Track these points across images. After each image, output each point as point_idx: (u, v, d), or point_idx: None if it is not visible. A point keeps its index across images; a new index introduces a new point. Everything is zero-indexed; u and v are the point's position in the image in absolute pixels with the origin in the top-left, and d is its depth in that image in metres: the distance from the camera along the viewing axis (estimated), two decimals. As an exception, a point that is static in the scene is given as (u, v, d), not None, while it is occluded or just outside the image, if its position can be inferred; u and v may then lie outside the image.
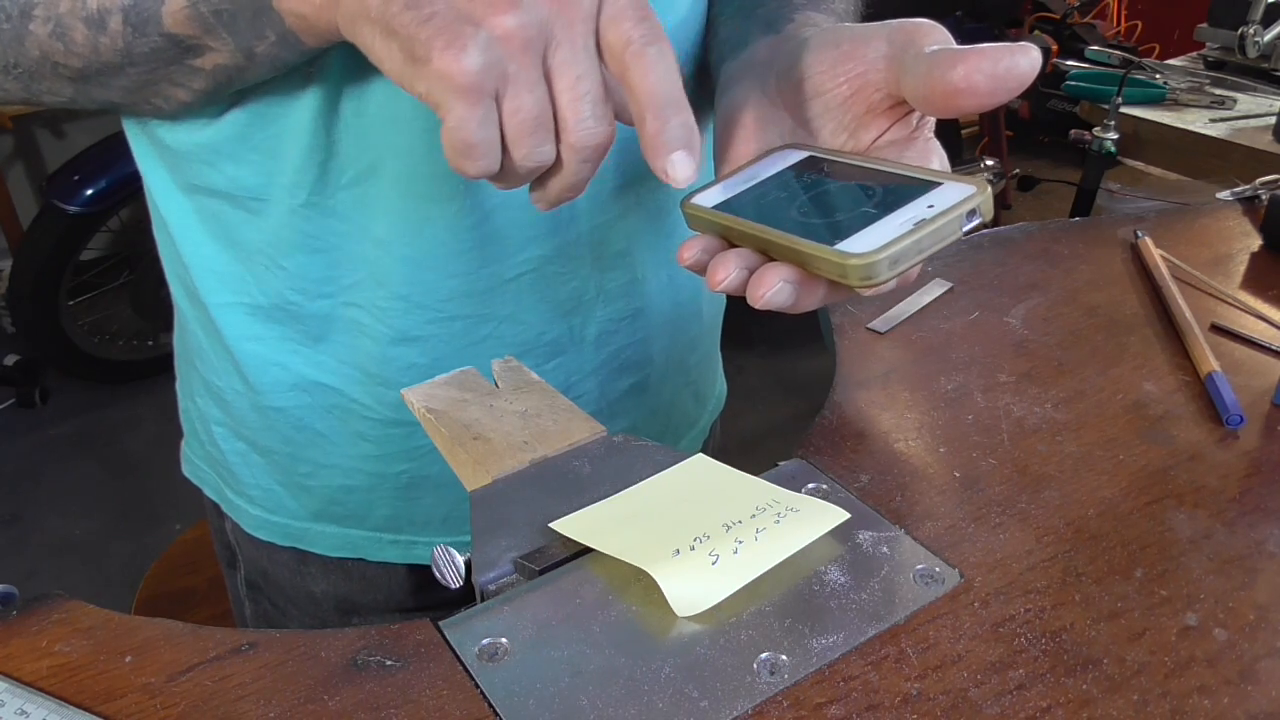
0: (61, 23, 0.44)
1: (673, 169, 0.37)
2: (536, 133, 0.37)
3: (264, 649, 0.36)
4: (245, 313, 0.57)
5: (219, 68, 0.45)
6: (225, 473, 0.65)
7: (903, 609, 0.38)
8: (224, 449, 0.63)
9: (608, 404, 0.64)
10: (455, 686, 0.35)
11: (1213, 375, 0.53)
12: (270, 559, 0.66)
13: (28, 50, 0.45)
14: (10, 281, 2.19)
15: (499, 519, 0.41)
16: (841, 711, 0.34)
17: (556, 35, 0.36)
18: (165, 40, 0.43)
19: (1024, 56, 0.37)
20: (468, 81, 0.34)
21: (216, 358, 0.60)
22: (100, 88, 0.47)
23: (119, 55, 0.44)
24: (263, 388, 0.59)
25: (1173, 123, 1.46)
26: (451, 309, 0.55)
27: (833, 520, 0.41)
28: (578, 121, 0.37)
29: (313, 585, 0.65)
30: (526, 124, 0.36)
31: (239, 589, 0.71)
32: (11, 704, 0.33)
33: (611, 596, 0.38)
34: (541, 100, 0.36)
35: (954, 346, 0.56)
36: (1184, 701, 0.34)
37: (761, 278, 0.39)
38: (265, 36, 0.42)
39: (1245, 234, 0.72)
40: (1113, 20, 3.38)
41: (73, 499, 2.06)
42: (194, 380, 0.64)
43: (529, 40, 0.35)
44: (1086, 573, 0.40)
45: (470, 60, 0.34)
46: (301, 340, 0.57)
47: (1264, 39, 1.44)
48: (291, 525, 0.64)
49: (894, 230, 0.37)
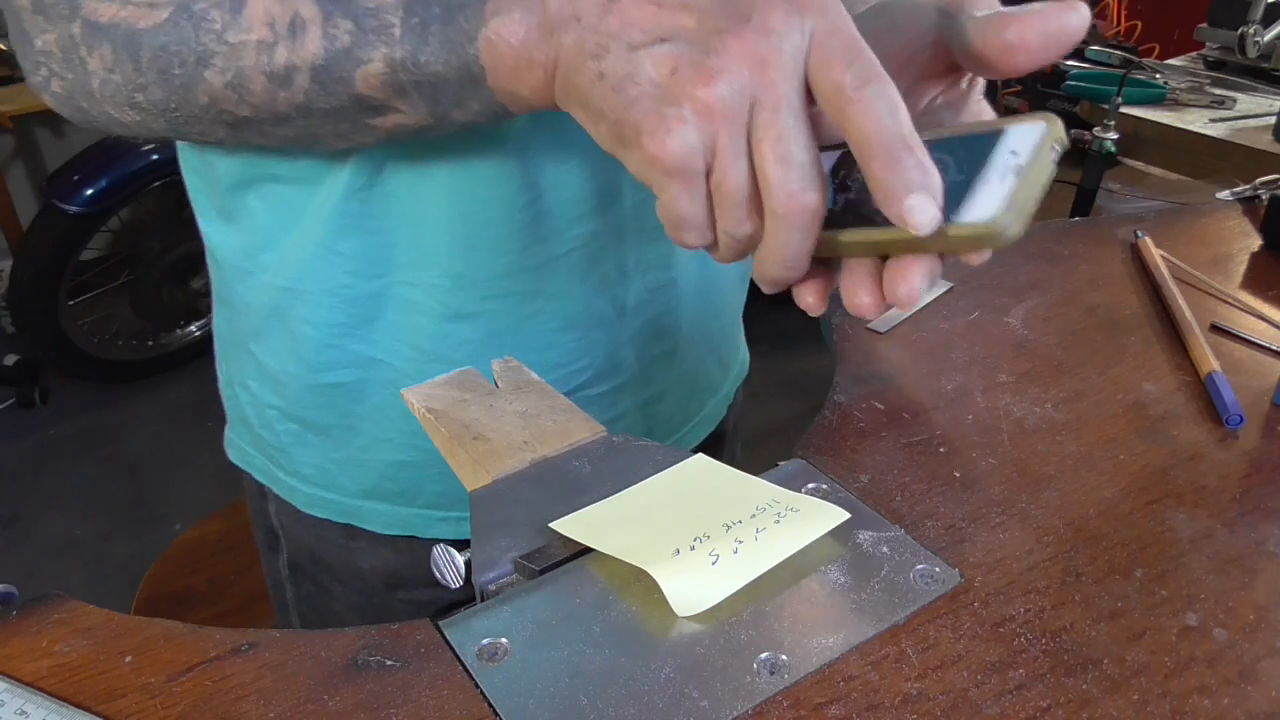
0: (242, 74, 0.43)
1: (912, 215, 0.35)
2: (741, 204, 0.36)
3: (264, 649, 0.36)
4: (302, 296, 0.58)
5: (400, 128, 0.44)
6: (278, 454, 0.66)
7: (903, 609, 0.38)
8: (277, 430, 0.65)
9: (642, 370, 0.66)
10: (455, 686, 0.35)
11: (1213, 375, 0.53)
12: (318, 537, 0.67)
13: (195, 97, 0.44)
14: (10, 281, 2.19)
15: (499, 519, 0.41)
16: (841, 711, 0.34)
17: (760, 98, 0.35)
18: (351, 100, 0.43)
19: (1074, 14, 0.37)
20: (675, 164, 0.35)
21: (274, 340, 0.62)
22: (258, 134, 0.47)
23: (295, 109, 0.44)
24: (319, 367, 0.60)
25: (1173, 123, 1.46)
26: (504, 286, 0.57)
27: (833, 520, 0.41)
28: (777, 187, 0.36)
29: (361, 561, 0.67)
30: (731, 196, 0.36)
31: (280, 571, 0.72)
32: (11, 704, 0.33)
33: (611, 596, 0.38)
34: (745, 171, 0.36)
35: (954, 346, 0.56)
36: (1184, 701, 0.34)
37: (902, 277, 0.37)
38: (467, 106, 0.42)
39: (1245, 234, 0.72)
40: (1113, 20, 3.38)
41: (73, 499, 2.06)
42: (247, 366, 0.65)
43: (732, 112, 0.35)
44: (1086, 573, 0.40)
45: (675, 144, 0.35)
46: (355, 321, 0.58)
47: (1264, 39, 1.43)
48: (345, 503, 0.65)
49: (1002, 187, 0.36)
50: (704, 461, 0.45)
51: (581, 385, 0.63)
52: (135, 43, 0.44)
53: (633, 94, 0.36)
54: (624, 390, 0.66)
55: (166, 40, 0.43)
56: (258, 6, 0.42)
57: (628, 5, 0.37)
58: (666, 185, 0.36)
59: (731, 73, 0.35)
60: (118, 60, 0.44)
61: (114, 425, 2.27)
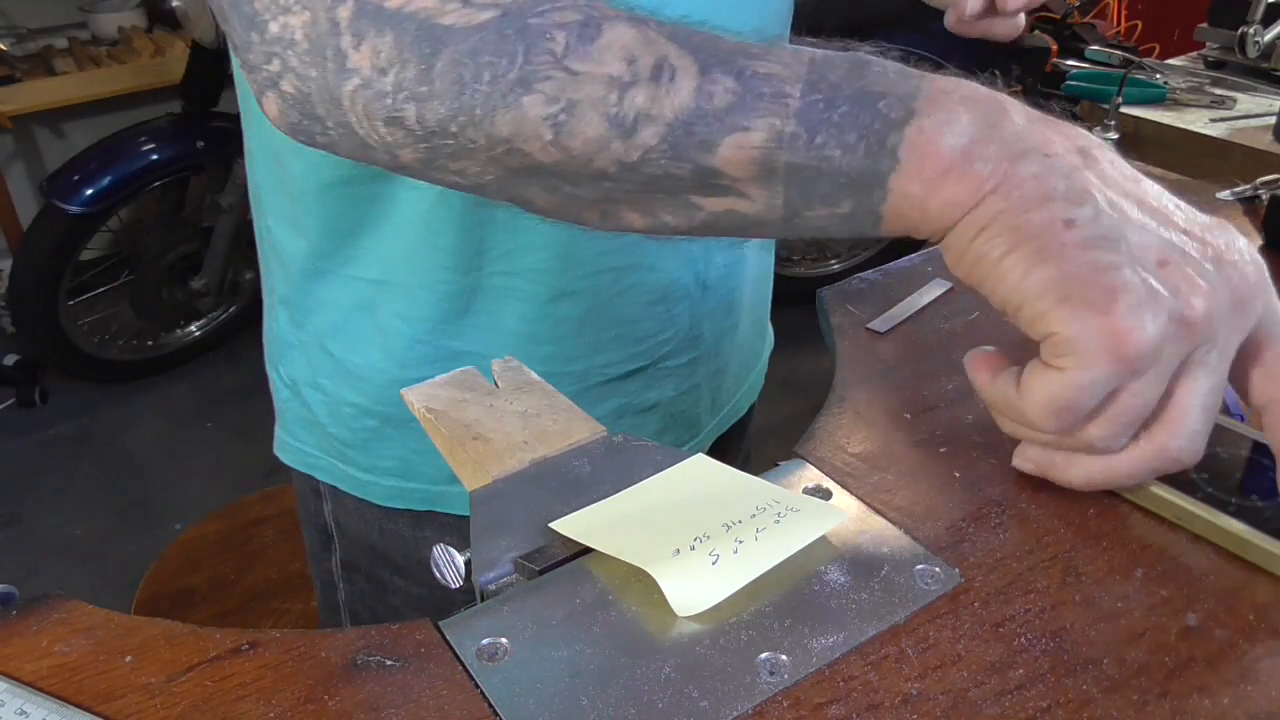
0: (575, 110, 0.35)
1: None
2: (1130, 426, 0.35)
3: (264, 649, 0.36)
4: (395, 290, 0.58)
5: (726, 214, 0.37)
6: (352, 451, 0.66)
7: (903, 609, 0.38)
8: (353, 428, 0.65)
9: (714, 342, 0.68)
10: (455, 686, 0.35)
11: (1213, 375, 0.52)
12: (383, 530, 0.67)
13: (493, 126, 0.35)
14: (10, 281, 2.19)
15: (499, 519, 0.41)
16: (841, 711, 0.34)
17: (1220, 335, 0.33)
18: (695, 171, 0.35)
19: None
20: (1133, 354, 0.32)
21: (357, 337, 0.61)
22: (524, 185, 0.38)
23: (621, 168, 0.36)
24: (408, 362, 0.60)
25: (1173, 123, 1.46)
26: (604, 262, 0.58)
27: (833, 520, 0.41)
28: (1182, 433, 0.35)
29: (426, 551, 0.67)
30: (1128, 414, 0.34)
31: (333, 571, 0.72)
32: (11, 704, 0.34)
33: (611, 596, 0.38)
34: (1157, 395, 0.34)
35: (954, 346, 0.56)
36: (1184, 701, 0.34)
37: None
38: (838, 205, 0.36)
39: (1245, 234, 0.72)
40: (1113, 20, 3.38)
41: (73, 499, 2.06)
42: (321, 364, 0.64)
43: (1203, 337, 0.33)
44: (1086, 573, 0.40)
45: (1150, 334, 0.32)
46: (448, 316, 0.59)
47: (1264, 39, 1.43)
48: (429, 490, 0.65)
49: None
50: (704, 461, 0.45)
51: (664, 356, 0.64)
52: (435, 39, 0.35)
53: (1112, 259, 0.32)
54: (700, 362, 0.67)
55: (481, 46, 0.35)
56: (617, 38, 0.35)
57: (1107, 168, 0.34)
58: (1096, 369, 0.33)
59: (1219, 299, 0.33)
60: (400, 57, 0.36)
61: (114, 425, 2.27)
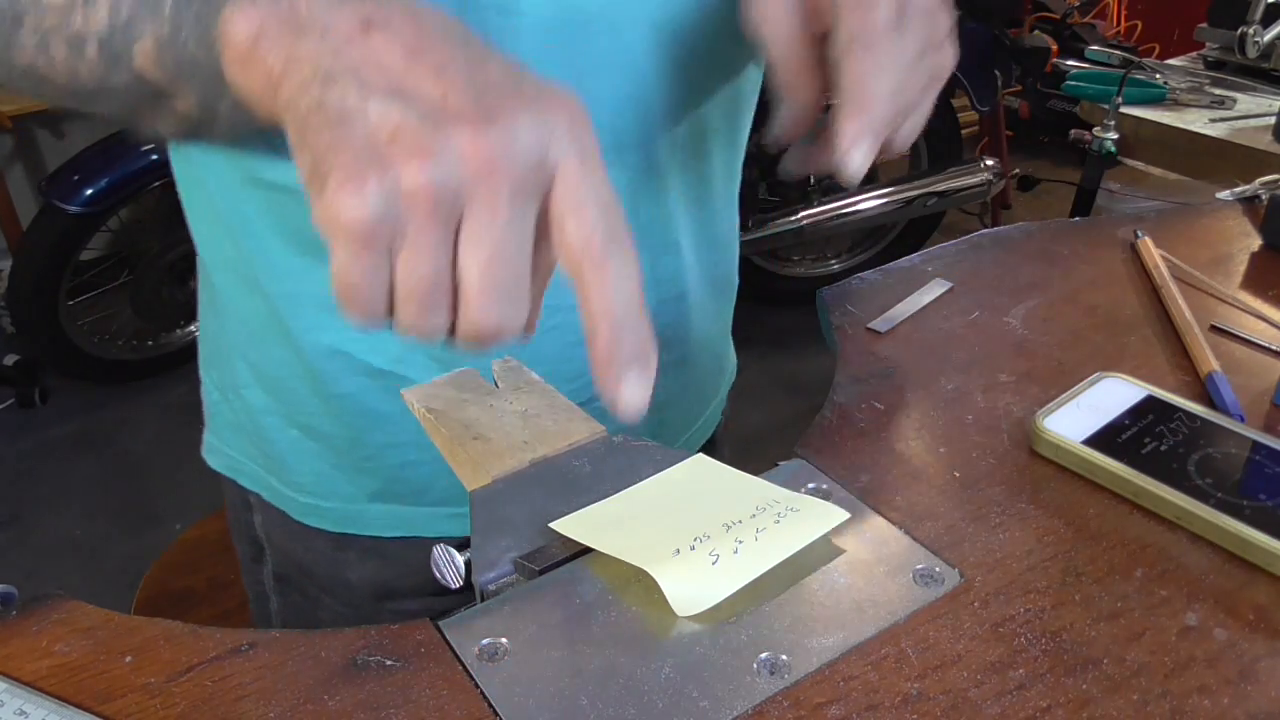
0: (46, 38, 0.41)
1: (625, 392, 0.34)
2: (425, 303, 0.34)
3: (264, 649, 0.36)
4: (311, 304, 0.57)
5: (187, 116, 0.41)
6: (272, 463, 0.65)
7: (903, 609, 0.38)
8: (274, 438, 0.63)
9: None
10: (455, 686, 0.35)
11: (1213, 375, 0.53)
12: (306, 547, 0.66)
13: (15, 58, 0.42)
14: (10, 281, 2.19)
15: (499, 519, 0.41)
16: (841, 711, 0.34)
17: (476, 203, 0.32)
18: (135, 80, 0.40)
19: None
20: (350, 228, 0.31)
21: (278, 348, 0.61)
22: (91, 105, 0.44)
23: (95, 82, 0.41)
24: (327, 376, 0.59)
25: (1173, 123, 1.46)
26: None
27: (833, 520, 0.41)
28: (476, 307, 0.33)
29: (349, 572, 0.66)
30: (416, 292, 0.33)
31: (265, 582, 0.71)
32: (11, 704, 0.33)
33: (611, 596, 0.38)
34: (438, 271, 0.33)
35: (954, 346, 0.56)
36: (1184, 701, 0.34)
37: None
38: (223, 98, 0.38)
39: (1245, 234, 0.72)
40: (1113, 20, 3.38)
41: (73, 499, 2.06)
42: (241, 373, 0.63)
43: (436, 203, 0.32)
44: (1086, 573, 0.40)
45: (357, 208, 0.31)
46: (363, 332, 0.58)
47: (1264, 39, 1.43)
48: (346, 509, 0.64)
49: None
50: (704, 461, 0.45)
51: (594, 396, 0.63)
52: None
53: (341, 136, 0.32)
54: None
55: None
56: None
57: (381, 41, 0.33)
58: (339, 247, 0.32)
59: (451, 164, 0.31)
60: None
61: (114, 425, 2.27)
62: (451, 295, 0.34)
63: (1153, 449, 0.45)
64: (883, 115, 0.44)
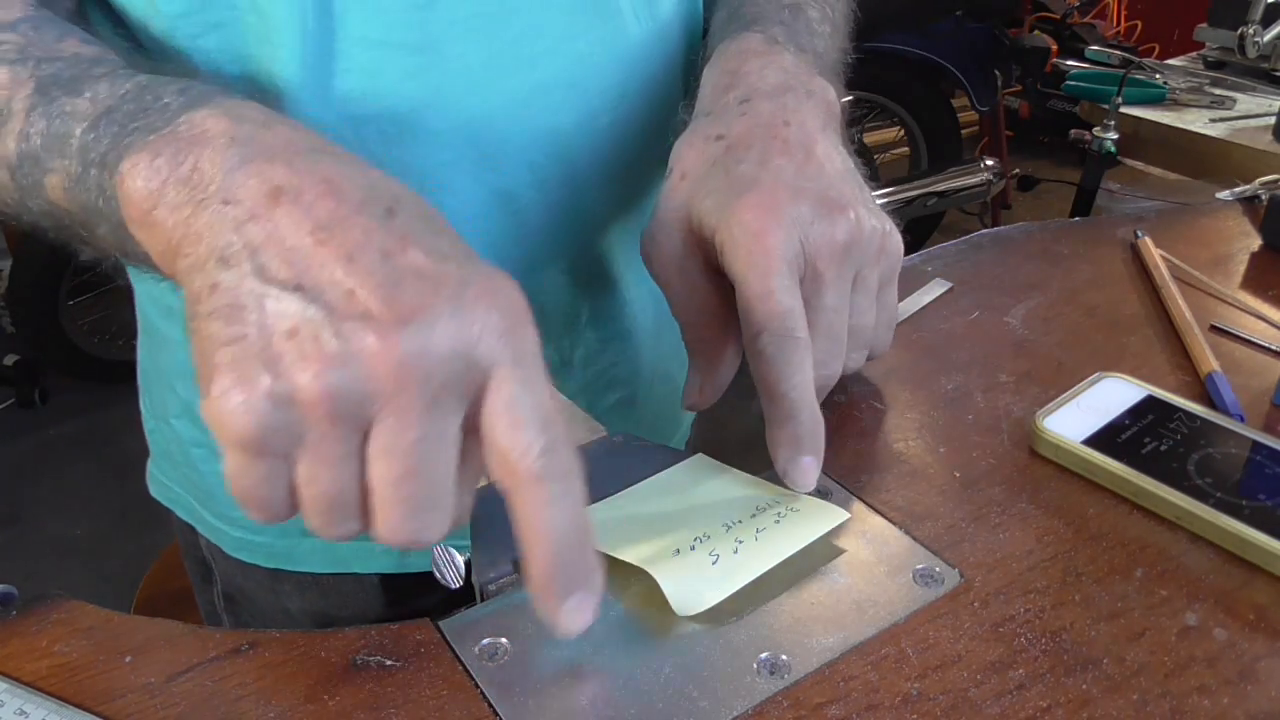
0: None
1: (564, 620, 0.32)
2: (329, 515, 0.31)
3: (264, 649, 0.36)
4: None
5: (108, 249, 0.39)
6: (203, 495, 0.63)
7: (903, 609, 0.38)
8: (203, 470, 0.62)
9: (596, 417, 0.64)
10: (455, 686, 0.35)
11: (1213, 375, 0.53)
12: (245, 576, 0.65)
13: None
14: (10, 281, 2.19)
15: (499, 519, 0.41)
16: (841, 711, 0.34)
17: (386, 413, 0.29)
18: (52, 208, 0.38)
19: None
20: (242, 439, 0.29)
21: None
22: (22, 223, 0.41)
23: (17, 206, 0.39)
24: None
25: (1173, 123, 1.46)
26: None
27: (833, 520, 0.41)
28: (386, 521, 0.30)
29: (288, 603, 0.65)
30: (319, 502, 0.30)
31: (216, 603, 0.69)
32: (11, 704, 0.33)
33: (611, 596, 0.38)
34: (342, 484, 0.30)
35: (954, 346, 0.56)
36: (1184, 701, 0.34)
37: None
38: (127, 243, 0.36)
39: (1245, 234, 0.72)
40: (1113, 20, 3.38)
41: (73, 499, 2.06)
42: (170, 403, 0.62)
43: (336, 414, 0.28)
44: (1086, 573, 0.40)
45: (246, 415, 0.28)
46: None
47: (1264, 39, 1.43)
48: (275, 545, 0.62)
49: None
50: (704, 461, 0.45)
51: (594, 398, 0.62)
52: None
53: (234, 330, 0.29)
54: None
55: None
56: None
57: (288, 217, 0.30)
58: (227, 453, 0.29)
59: (355, 370, 0.28)
60: None
61: (114, 425, 2.26)
62: (361, 503, 0.31)
63: (1153, 449, 0.45)
64: (811, 421, 0.41)
